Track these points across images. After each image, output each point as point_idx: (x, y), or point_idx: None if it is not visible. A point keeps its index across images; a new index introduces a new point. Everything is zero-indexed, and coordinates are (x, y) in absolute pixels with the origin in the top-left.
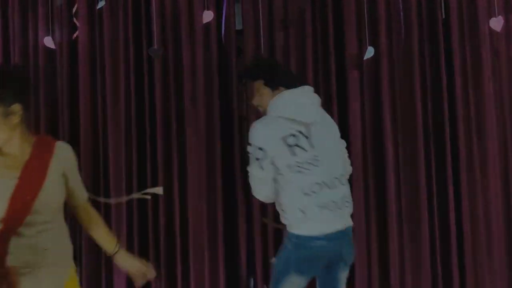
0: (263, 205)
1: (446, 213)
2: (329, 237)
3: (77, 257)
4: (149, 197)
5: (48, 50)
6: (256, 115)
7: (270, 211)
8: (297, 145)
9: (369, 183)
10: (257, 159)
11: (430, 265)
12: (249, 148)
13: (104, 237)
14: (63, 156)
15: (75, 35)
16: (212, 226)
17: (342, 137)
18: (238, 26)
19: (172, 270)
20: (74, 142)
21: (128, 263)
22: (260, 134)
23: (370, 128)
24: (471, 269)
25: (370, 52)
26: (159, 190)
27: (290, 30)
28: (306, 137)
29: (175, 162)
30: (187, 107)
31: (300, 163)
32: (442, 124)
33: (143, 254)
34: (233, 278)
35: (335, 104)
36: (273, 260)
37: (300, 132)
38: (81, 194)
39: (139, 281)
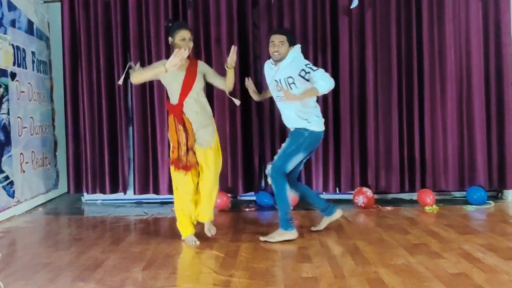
0: (272, 124)
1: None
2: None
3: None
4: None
5: (105, 2)
6: (267, 55)
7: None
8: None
9: (354, 102)
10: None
11: None
12: (307, 67)
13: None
14: (201, 65)
15: None
16: (232, 138)
17: (334, 67)
18: None
19: None
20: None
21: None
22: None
23: (356, 59)
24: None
25: (355, 2)
26: (237, 101)
27: None
28: None
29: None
30: (214, 47)
31: None
32: (411, 54)
33: None
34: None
35: (329, 43)
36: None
37: None
38: (213, 76)
39: None
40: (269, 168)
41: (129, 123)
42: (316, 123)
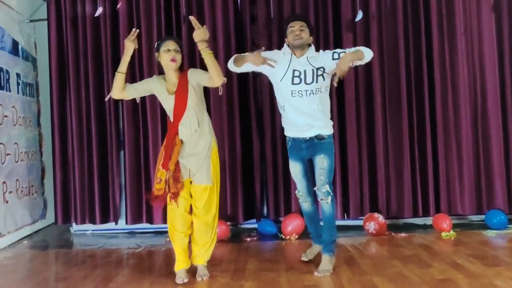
0: (273, 145)
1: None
2: None
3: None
4: None
5: (94, 20)
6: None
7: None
8: None
9: (361, 122)
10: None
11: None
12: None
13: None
14: (192, 76)
15: (118, 5)
16: (232, 162)
17: (338, 87)
18: None
19: None
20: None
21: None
22: None
23: (363, 79)
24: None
25: (360, 15)
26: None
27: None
28: None
29: None
30: None
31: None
32: (421, 70)
33: None
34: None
35: None
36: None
37: None
38: (203, 79)
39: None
40: (322, 190)
41: (121, 147)
42: (331, 126)
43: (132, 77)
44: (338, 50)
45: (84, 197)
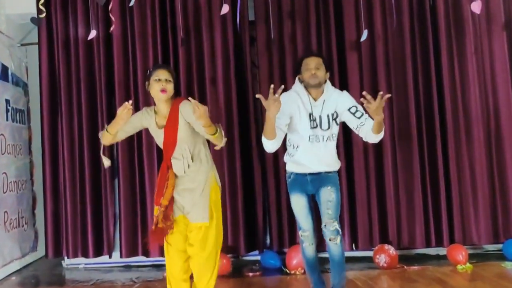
0: (276, 172)
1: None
2: None
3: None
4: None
5: (87, 44)
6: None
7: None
8: None
9: (368, 149)
10: None
11: None
12: (360, 107)
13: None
14: (184, 111)
15: (111, 28)
16: (232, 189)
17: None
18: (251, 17)
19: None
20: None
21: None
22: None
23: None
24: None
25: (365, 34)
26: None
27: (296, 20)
28: None
29: None
30: (209, 88)
31: None
32: (431, 92)
33: None
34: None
35: (337, 83)
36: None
37: None
38: (197, 127)
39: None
40: (330, 228)
41: (115, 175)
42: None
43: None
44: (359, 107)
45: (76, 229)
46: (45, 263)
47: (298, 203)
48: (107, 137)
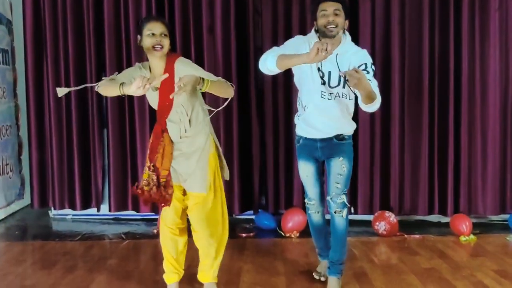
0: (275, 131)
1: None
2: None
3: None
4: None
5: None
6: (269, 45)
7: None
8: None
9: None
10: None
11: None
12: (370, 67)
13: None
14: (180, 69)
15: None
16: (228, 147)
17: None
18: None
19: None
20: (100, 69)
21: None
22: None
23: (380, 55)
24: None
25: None
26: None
27: None
28: None
29: None
30: (206, 38)
31: None
32: (447, 51)
33: None
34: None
35: None
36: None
37: None
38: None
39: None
40: (337, 201)
41: (104, 124)
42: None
43: (119, 67)
44: (370, 68)
45: (63, 179)
46: (32, 212)
47: (305, 170)
48: (113, 92)
